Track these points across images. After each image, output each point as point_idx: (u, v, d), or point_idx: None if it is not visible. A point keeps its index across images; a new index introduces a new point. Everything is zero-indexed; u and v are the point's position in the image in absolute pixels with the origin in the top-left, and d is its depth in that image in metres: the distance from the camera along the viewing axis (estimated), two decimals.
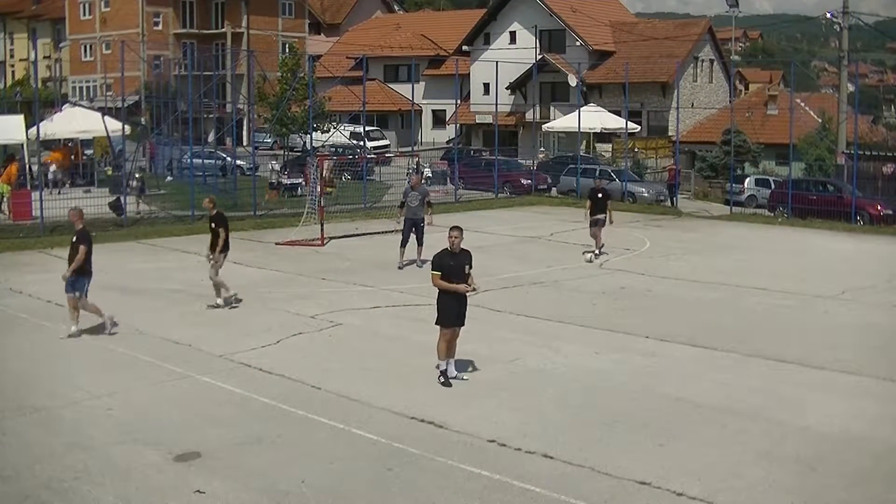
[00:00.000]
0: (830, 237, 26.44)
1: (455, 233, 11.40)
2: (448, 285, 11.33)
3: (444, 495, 8.25)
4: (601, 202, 21.37)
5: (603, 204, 21.37)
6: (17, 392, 11.07)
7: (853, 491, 8.46)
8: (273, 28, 70.07)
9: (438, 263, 11.39)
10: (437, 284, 11.37)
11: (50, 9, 78.72)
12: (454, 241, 11.39)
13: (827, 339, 14.17)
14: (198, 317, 15.14)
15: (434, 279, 11.37)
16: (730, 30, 73.16)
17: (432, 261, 11.60)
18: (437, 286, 11.40)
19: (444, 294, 11.41)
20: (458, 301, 11.49)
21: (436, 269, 11.38)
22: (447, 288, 11.35)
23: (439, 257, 11.44)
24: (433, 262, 11.53)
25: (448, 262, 11.39)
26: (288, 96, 40.60)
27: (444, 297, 11.42)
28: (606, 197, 21.75)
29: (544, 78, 50.96)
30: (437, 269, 11.36)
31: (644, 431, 9.88)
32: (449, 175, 37.45)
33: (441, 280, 11.33)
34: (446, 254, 11.44)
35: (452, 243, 11.39)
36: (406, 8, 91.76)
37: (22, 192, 27.39)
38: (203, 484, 8.40)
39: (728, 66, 55.79)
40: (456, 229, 11.45)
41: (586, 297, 16.69)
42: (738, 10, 65.79)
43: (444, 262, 11.40)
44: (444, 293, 11.40)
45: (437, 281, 11.34)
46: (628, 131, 42.62)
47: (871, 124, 48.40)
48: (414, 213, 19.79)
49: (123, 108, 35.63)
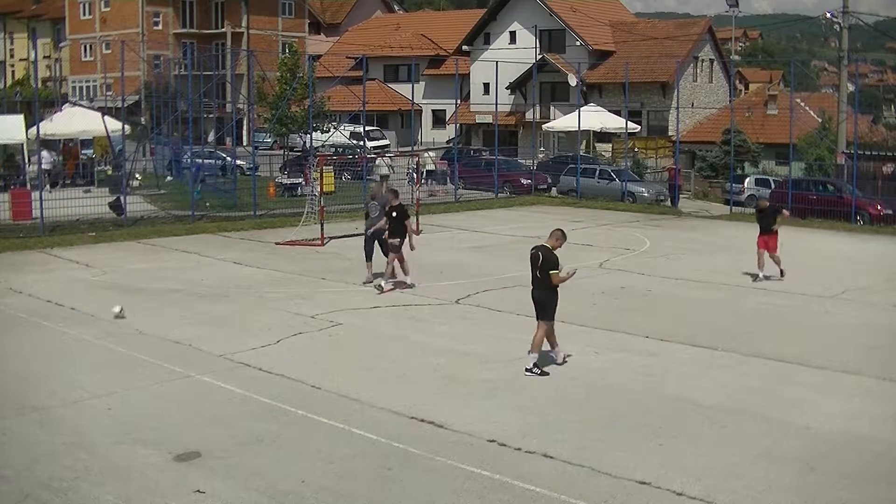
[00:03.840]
0: (830, 237, 26.44)
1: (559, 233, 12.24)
2: (567, 278, 12.12)
3: (444, 495, 8.25)
4: (768, 218, 19.10)
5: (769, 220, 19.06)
6: (17, 392, 11.08)
7: (853, 491, 8.46)
8: (273, 28, 70.10)
9: (557, 261, 12.03)
10: (559, 280, 12.04)
11: (50, 9, 78.75)
12: (558, 242, 12.19)
13: (827, 339, 14.18)
14: (198, 317, 15.14)
15: (556, 277, 11.99)
16: (730, 29, 73.08)
17: (553, 259, 12.03)
18: (558, 282, 12.05)
19: (555, 289, 12.11)
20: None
21: (556, 267, 11.99)
22: (565, 280, 12.10)
23: (556, 255, 12.06)
24: (554, 261, 12.03)
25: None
26: (288, 96, 40.60)
27: (555, 292, 12.13)
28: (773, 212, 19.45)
29: (544, 78, 50.96)
30: (557, 266, 11.98)
31: (644, 431, 9.88)
32: (449, 175, 37.47)
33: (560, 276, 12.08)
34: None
35: (556, 245, 12.14)
36: (406, 8, 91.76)
37: (22, 192, 27.39)
38: (203, 484, 8.40)
39: (728, 66, 55.76)
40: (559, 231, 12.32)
41: (586, 297, 16.68)
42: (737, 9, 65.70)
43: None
44: (556, 288, 12.10)
45: (558, 278, 12.02)
46: (628, 131, 42.61)
47: (871, 124, 48.33)
48: (373, 224, 18.25)
49: (123, 108, 35.63)
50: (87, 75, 69.36)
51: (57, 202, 24.62)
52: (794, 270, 20.19)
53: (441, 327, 14.61)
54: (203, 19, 68.67)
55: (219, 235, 24.82)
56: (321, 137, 40.19)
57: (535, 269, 12.11)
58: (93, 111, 37.42)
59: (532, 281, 12.23)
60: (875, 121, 54.05)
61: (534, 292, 12.23)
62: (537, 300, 12.17)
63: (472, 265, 20.43)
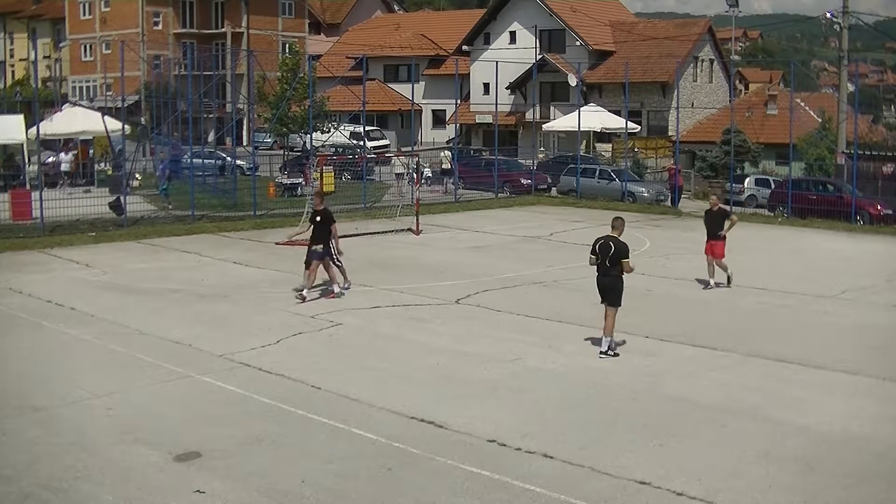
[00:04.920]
0: (830, 237, 26.43)
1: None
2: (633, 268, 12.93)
3: (444, 495, 8.25)
4: (715, 223, 18.65)
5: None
6: (17, 392, 11.07)
7: (853, 491, 8.46)
8: (273, 28, 70.11)
9: (629, 249, 12.79)
10: (631, 268, 12.80)
11: (50, 9, 78.76)
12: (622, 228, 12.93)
13: (827, 339, 14.18)
14: (198, 317, 15.14)
15: (628, 265, 12.70)
16: (730, 29, 73.03)
17: (625, 248, 12.71)
18: (630, 270, 12.79)
19: (623, 277, 12.81)
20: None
21: (628, 255, 12.73)
22: (633, 270, 12.95)
23: (627, 244, 12.84)
24: (626, 250, 12.71)
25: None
26: (288, 96, 40.60)
27: (622, 279, 12.82)
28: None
29: (544, 78, 50.94)
30: (629, 255, 12.76)
31: (644, 431, 9.88)
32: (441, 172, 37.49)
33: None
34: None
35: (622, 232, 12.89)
36: (406, 8, 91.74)
37: (22, 192, 27.38)
38: (203, 484, 8.40)
39: (728, 66, 55.73)
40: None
41: (586, 297, 16.67)
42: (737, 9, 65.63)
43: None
44: (624, 276, 12.81)
45: (630, 266, 12.77)
46: (628, 131, 42.61)
47: (871, 124, 48.37)
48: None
49: (123, 108, 35.55)
50: (87, 75, 69.37)
51: (57, 202, 24.61)
52: (794, 270, 20.21)
53: (441, 327, 14.60)
54: (203, 19, 68.67)
55: (219, 235, 24.82)
56: (321, 137, 40.19)
57: (605, 257, 12.77)
58: (93, 111, 37.41)
59: (599, 269, 12.93)
60: (875, 121, 54.12)
61: (602, 279, 12.94)
62: (607, 287, 12.89)
63: (472, 265, 20.43)
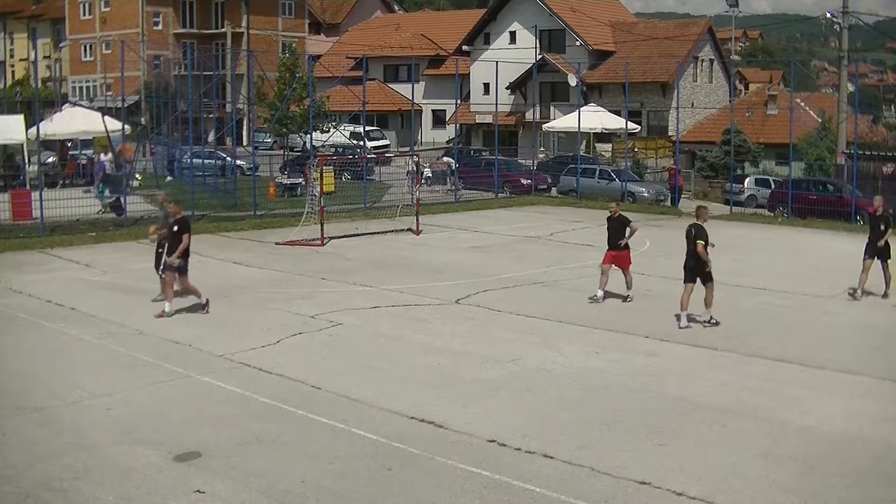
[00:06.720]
0: (830, 237, 26.42)
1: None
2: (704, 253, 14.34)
3: (444, 495, 8.25)
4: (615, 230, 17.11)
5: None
6: (17, 392, 11.07)
7: (853, 491, 8.46)
8: (273, 28, 70.06)
9: (707, 235, 14.27)
10: (702, 250, 14.22)
11: (50, 9, 78.69)
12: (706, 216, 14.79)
13: (827, 339, 14.18)
14: (198, 317, 15.14)
15: (700, 247, 14.21)
16: (730, 30, 73.15)
17: (703, 233, 14.29)
18: (701, 251, 14.21)
19: (700, 258, 14.30)
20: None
21: (705, 239, 14.24)
22: (703, 254, 14.31)
23: (706, 231, 14.33)
24: (704, 235, 14.27)
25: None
26: (287, 96, 40.59)
27: (702, 260, 14.30)
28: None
29: (544, 78, 50.95)
30: (706, 239, 14.26)
31: (644, 431, 9.88)
32: (449, 174, 37.45)
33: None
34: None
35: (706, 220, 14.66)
36: (406, 8, 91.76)
37: (22, 192, 27.38)
38: (203, 484, 8.40)
39: (728, 66, 55.75)
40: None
41: (586, 297, 16.68)
42: (737, 9, 65.76)
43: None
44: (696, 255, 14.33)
45: (702, 248, 14.22)
46: (628, 131, 42.60)
47: (871, 124, 48.35)
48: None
49: (123, 108, 35.53)
50: (87, 75, 69.33)
51: (57, 202, 24.59)
52: (794, 270, 20.21)
53: (441, 327, 14.60)
54: (203, 19, 68.64)
55: (219, 235, 24.81)
56: (321, 137, 40.17)
57: (689, 242, 14.42)
58: (93, 111, 37.39)
59: (688, 252, 14.57)
60: (875, 121, 54.07)
61: (689, 261, 14.56)
62: (693, 268, 14.49)
63: (472, 265, 20.43)
